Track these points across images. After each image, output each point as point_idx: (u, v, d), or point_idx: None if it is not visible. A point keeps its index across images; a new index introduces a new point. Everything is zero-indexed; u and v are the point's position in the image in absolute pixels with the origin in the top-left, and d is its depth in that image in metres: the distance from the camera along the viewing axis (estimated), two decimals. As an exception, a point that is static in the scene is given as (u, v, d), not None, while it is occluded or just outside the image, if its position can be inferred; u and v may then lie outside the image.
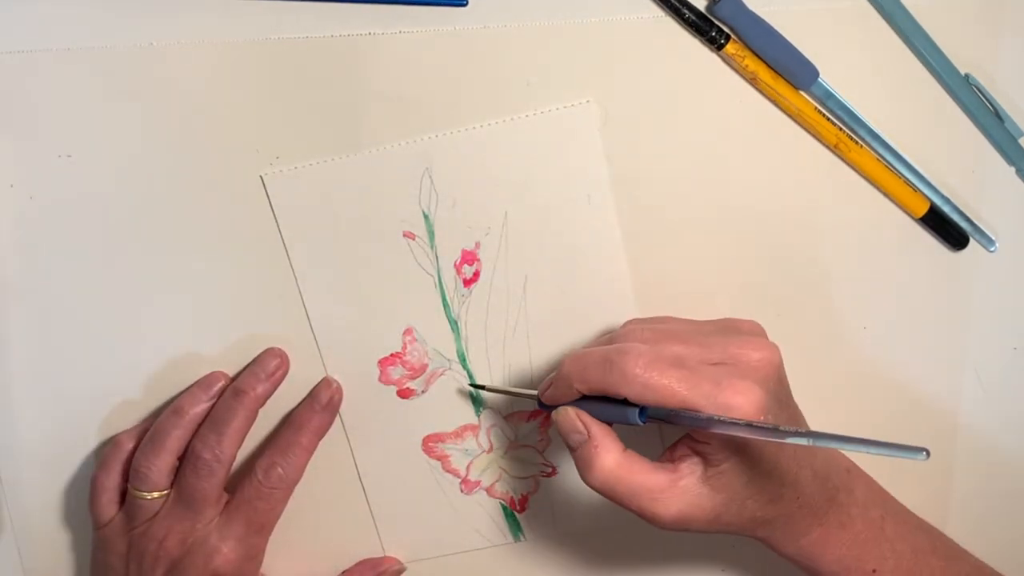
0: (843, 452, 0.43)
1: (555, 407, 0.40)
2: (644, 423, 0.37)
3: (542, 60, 0.43)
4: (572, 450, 0.39)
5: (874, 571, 0.42)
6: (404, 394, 0.47)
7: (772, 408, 0.36)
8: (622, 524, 0.49)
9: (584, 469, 0.38)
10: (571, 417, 0.39)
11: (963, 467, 0.50)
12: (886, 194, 0.46)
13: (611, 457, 0.37)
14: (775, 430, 0.33)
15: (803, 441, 0.32)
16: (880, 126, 0.45)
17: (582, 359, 0.38)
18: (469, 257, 0.45)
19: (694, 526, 0.38)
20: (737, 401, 0.35)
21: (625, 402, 0.37)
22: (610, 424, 0.38)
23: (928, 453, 0.29)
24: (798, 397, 0.40)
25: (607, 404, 0.38)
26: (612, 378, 0.36)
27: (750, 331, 0.40)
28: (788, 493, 0.39)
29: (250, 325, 0.45)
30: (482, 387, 0.46)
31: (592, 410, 0.38)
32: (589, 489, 0.38)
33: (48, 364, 0.45)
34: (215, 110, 0.43)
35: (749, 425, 0.34)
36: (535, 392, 0.42)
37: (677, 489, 0.37)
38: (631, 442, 0.39)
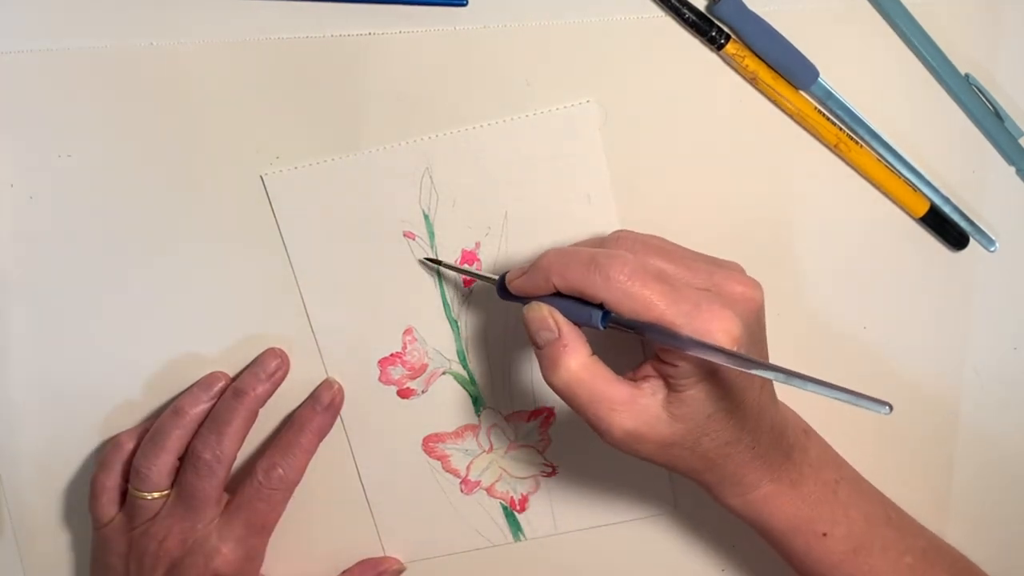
0: (801, 416, 0.44)
1: (515, 298, 0.39)
2: (604, 328, 0.36)
3: (542, 60, 0.43)
4: (538, 347, 0.38)
5: (824, 534, 0.41)
6: (404, 394, 0.47)
7: (746, 343, 0.36)
8: (622, 524, 0.49)
9: (549, 368, 0.37)
10: (543, 314, 0.38)
11: (963, 467, 0.50)
12: (886, 194, 0.46)
13: (578, 359, 0.37)
14: (745, 359, 0.33)
15: (771, 375, 0.32)
16: (880, 126, 0.45)
17: (567, 255, 0.37)
18: (469, 257, 0.45)
19: (644, 449, 0.37)
20: (714, 327, 0.35)
21: (592, 305, 0.36)
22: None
23: (891, 408, 0.30)
24: (797, 396, 0.40)
25: (571, 303, 0.37)
26: (593, 279, 0.36)
27: (734, 267, 0.40)
28: (745, 439, 0.38)
29: (250, 325, 0.45)
30: (438, 262, 0.45)
31: (557, 307, 0.38)
32: (589, 489, 0.38)
33: (48, 364, 0.45)
34: (215, 110, 0.43)
35: (720, 350, 0.33)
36: (496, 277, 0.41)
37: (637, 406, 0.37)
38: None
